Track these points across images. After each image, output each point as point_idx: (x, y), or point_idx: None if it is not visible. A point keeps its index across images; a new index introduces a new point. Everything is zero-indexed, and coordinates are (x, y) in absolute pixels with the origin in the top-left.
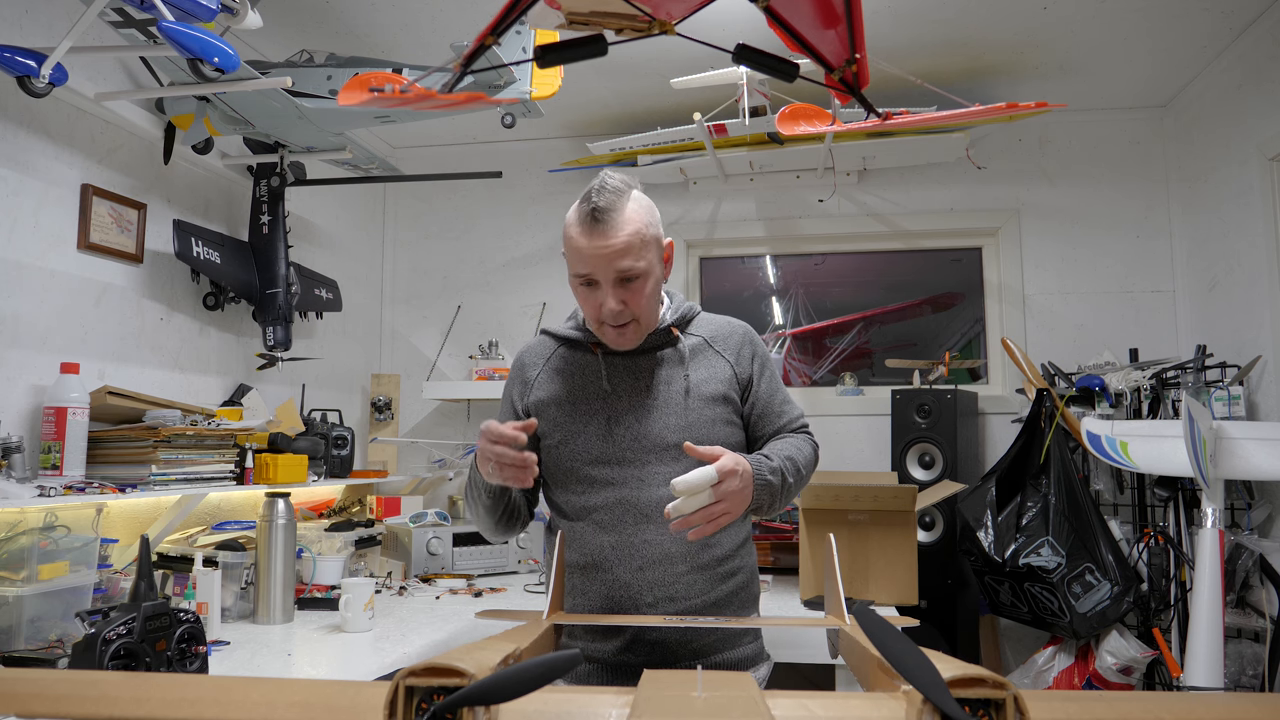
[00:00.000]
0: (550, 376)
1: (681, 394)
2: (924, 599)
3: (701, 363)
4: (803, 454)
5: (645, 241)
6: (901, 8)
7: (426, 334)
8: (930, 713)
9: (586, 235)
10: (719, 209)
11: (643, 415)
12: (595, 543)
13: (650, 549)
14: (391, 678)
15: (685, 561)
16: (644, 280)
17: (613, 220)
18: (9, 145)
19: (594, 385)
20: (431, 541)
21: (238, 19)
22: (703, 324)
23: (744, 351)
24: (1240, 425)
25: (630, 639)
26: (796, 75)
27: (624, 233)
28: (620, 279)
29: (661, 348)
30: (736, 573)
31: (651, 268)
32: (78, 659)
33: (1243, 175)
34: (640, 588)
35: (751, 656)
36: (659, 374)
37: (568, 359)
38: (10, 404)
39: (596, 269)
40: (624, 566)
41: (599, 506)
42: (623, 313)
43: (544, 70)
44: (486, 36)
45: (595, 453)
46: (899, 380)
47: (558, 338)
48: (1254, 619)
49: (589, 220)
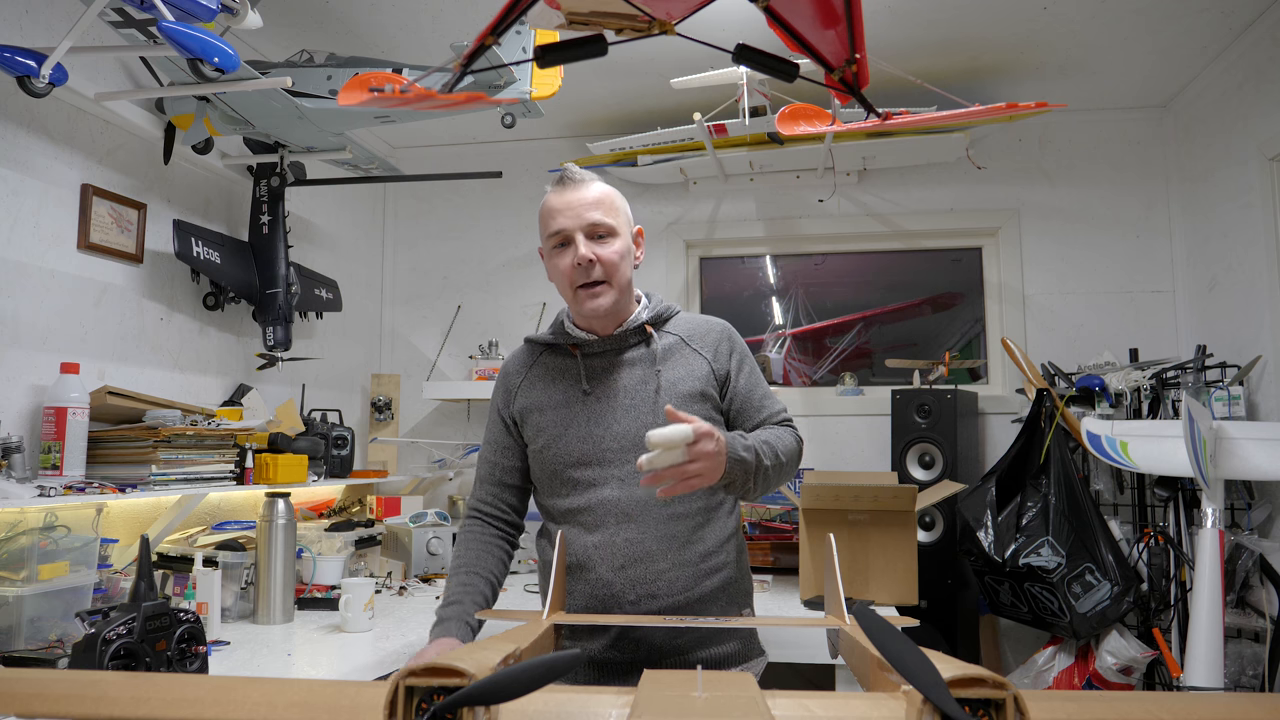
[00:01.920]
0: (533, 383)
1: (653, 393)
2: (924, 599)
3: (677, 361)
4: (782, 441)
5: (614, 206)
6: (901, 8)
7: (426, 334)
8: (930, 713)
9: (559, 193)
10: (719, 209)
11: (619, 415)
12: (580, 543)
13: (632, 548)
14: (391, 678)
15: (666, 559)
16: (614, 239)
17: (584, 180)
18: (9, 145)
19: (574, 388)
20: (431, 541)
21: (238, 19)
22: (680, 323)
23: (722, 348)
24: (1240, 425)
25: (616, 635)
26: (796, 75)
27: (594, 190)
28: (592, 232)
29: (636, 346)
30: (721, 569)
31: (621, 231)
32: (78, 659)
33: (1243, 175)
34: (622, 586)
35: (740, 652)
36: (633, 373)
37: (549, 364)
38: (10, 404)
39: (568, 222)
40: (606, 565)
41: (582, 508)
42: (594, 266)
43: (544, 70)
44: (486, 36)
45: (576, 454)
46: (899, 380)
47: (539, 344)
48: (1254, 619)
49: (561, 182)
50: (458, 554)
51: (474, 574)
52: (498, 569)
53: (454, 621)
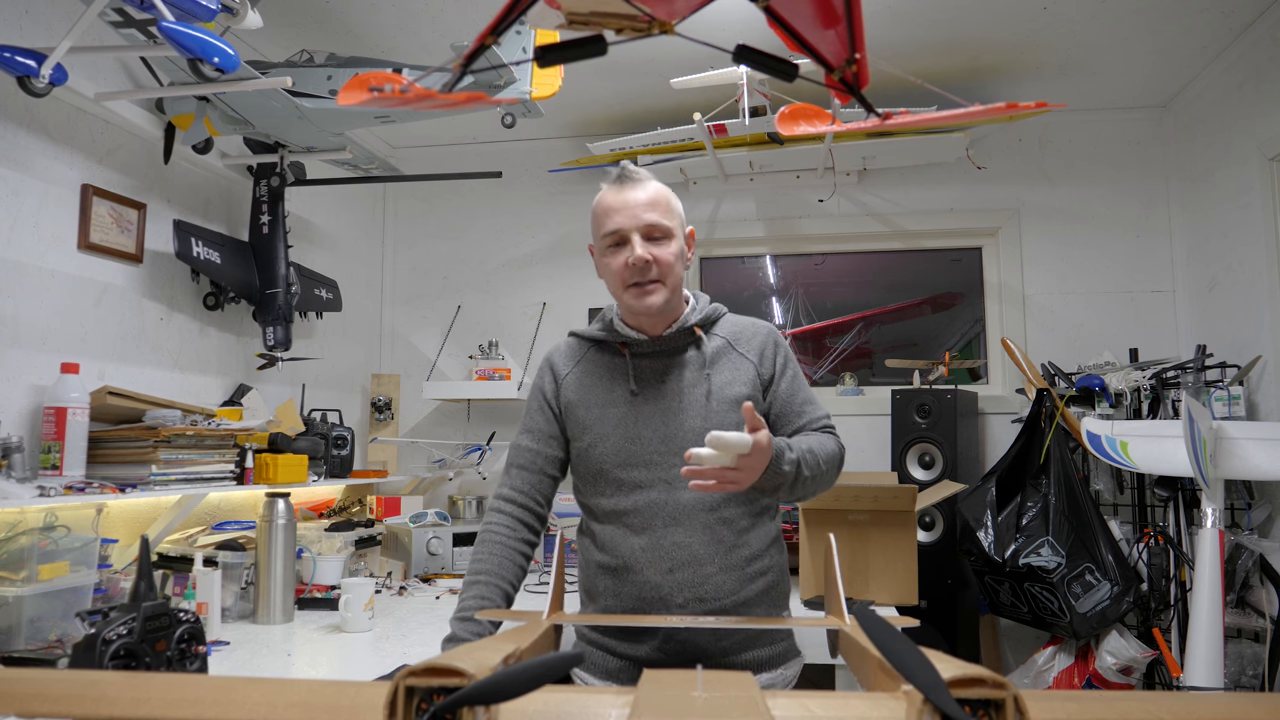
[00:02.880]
0: (580, 378)
1: (704, 397)
2: (924, 599)
3: (725, 365)
4: (825, 449)
5: (670, 208)
6: (901, 8)
7: (426, 334)
8: (930, 713)
9: (616, 191)
10: (719, 209)
11: (667, 418)
12: (626, 545)
13: (680, 551)
14: (391, 678)
15: (714, 562)
16: (669, 241)
17: (640, 180)
18: (9, 145)
19: (621, 387)
20: (431, 541)
21: (238, 19)
22: (726, 325)
23: (767, 351)
24: (1240, 425)
25: (663, 638)
26: (796, 75)
27: (650, 190)
28: (648, 233)
29: (685, 349)
30: (766, 572)
31: (676, 234)
32: (78, 659)
33: (1243, 175)
34: (670, 589)
35: (782, 654)
36: (683, 376)
37: (597, 361)
38: (10, 404)
39: (625, 222)
40: (654, 569)
41: (629, 510)
42: (649, 266)
43: (544, 70)
44: (486, 36)
45: (623, 455)
46: (899, 380)
47: (586, 339)
48: (1254, 619)
49: (618, 180)
50: (479, 555)
51: (491, 584)
52: (515, 575)
53: (468, 642)
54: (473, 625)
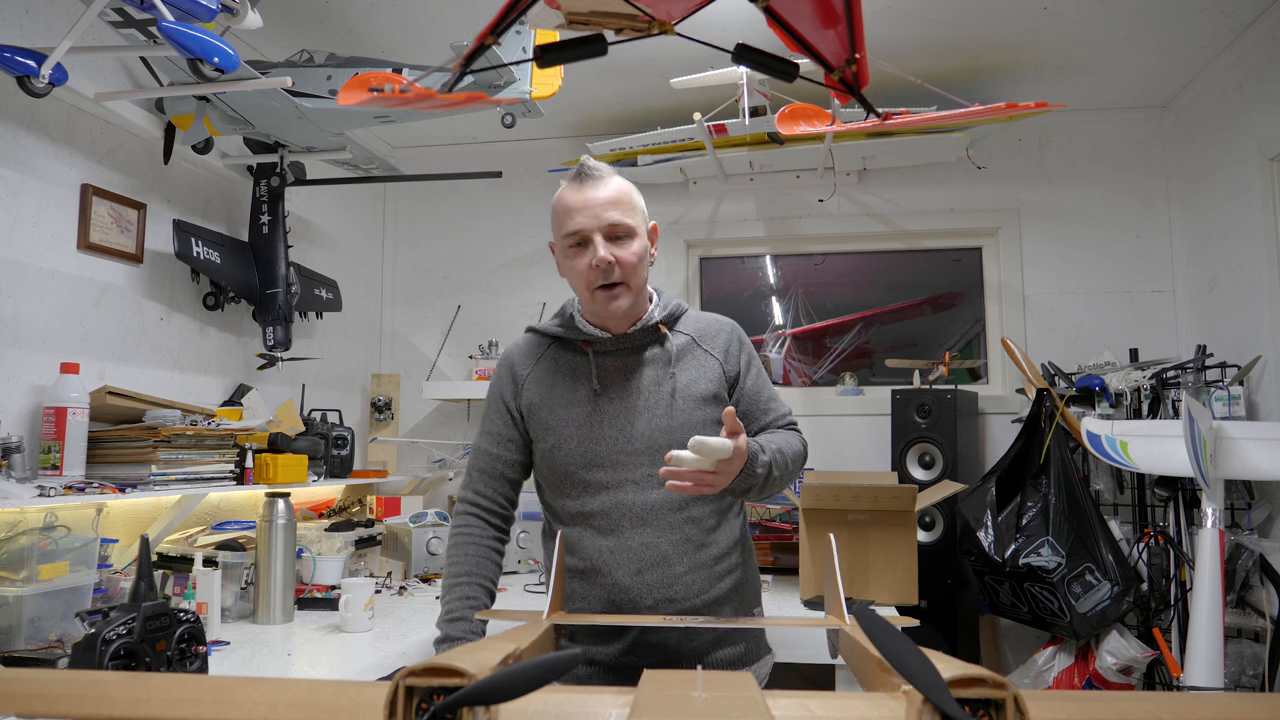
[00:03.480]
0: (541, 378)
1: (669, 395)
2: (924, 599)
3: (690, 363)
4: (792, 448)
5: (633, 205)
6: (901, 8)
7: (426, 334)
8: (930, 713)
9: (576, 190)
10: (719, 209)
11: (632, 417)
12: (593, 547)
13: (648, 552)
14: (391, 678)
15: (683, 562)
16: (632, 240)
17: (601, 176)
18: (9, 145)
19: (584, 386)
20: (431, 541)
21: (238, 19)
22: (690, 322)
23: (732, 348)
24: (1240, 425)
25: (632, 641)
26: (796, 75)
27: (611, 187)
28: (610, 233)
29: (649, 347)
30: (734, 570)
31: (639, 231)
32: (78, 659)
33: (1243, 175)
34: (639, 590)
35: (753, 652)
36: (647, 374)
37: (558, 359)
38: (10, 404)
39: (586, 222)
40: (622, 570)
41: (595, 511)
42: (612, 268)
43: (544, 70)
44: (486, 36)
45: (587, 456)
46: (899, 380)
47: (546, 335)
48: (1254, 619)
49: (577, 178)
50: (456, 558)
51: (474, 584)
52: (494, 574)
53: (463, 641)
54: (466, 625)
